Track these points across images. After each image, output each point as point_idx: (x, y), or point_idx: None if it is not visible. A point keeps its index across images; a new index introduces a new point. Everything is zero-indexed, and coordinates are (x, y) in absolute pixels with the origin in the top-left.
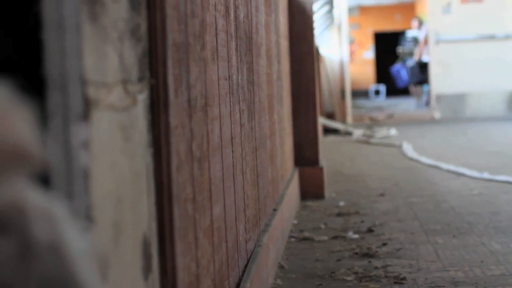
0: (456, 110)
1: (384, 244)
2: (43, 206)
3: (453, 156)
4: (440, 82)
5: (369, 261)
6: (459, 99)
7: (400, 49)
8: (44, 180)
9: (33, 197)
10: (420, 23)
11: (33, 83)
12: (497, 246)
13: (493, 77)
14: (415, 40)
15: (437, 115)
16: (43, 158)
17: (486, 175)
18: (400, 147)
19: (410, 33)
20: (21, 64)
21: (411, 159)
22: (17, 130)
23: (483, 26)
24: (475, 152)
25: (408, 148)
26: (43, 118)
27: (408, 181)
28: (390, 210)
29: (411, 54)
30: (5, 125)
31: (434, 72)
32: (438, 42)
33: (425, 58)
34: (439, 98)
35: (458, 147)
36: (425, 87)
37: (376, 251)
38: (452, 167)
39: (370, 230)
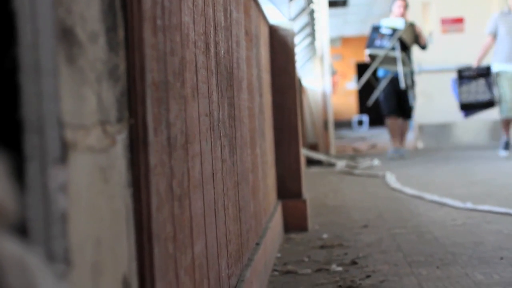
0: (439, 139)
1: (368, 276)
2: (18, 256)
3: (437, 186)
4: (423, 112)
5: None
6: (442, 128)
7: (368, 52)
8: (21, 227)
9: (8, 248)
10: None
11: (9, 128)
12: (480, 277)
13: None
14: (394, 33)
15: (420, 144)
16: (19, 211)
17: (469, 205)
18: (383, 177)
19: (388, 23)
20: None
21: (394, 189)
22: None
23: (464, 55)
24: (458, 182)
25: (391, 179)
26: (20, 162)
27: (391, 212)
28: (373, 242)
29: (389, 61)
30: None
31: (417, 102)
32: (420, 72)
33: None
34: (422, 128)
35: (441, 177)
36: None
37: (360, 284)
38: (435, 197)
39: (353, 262)
